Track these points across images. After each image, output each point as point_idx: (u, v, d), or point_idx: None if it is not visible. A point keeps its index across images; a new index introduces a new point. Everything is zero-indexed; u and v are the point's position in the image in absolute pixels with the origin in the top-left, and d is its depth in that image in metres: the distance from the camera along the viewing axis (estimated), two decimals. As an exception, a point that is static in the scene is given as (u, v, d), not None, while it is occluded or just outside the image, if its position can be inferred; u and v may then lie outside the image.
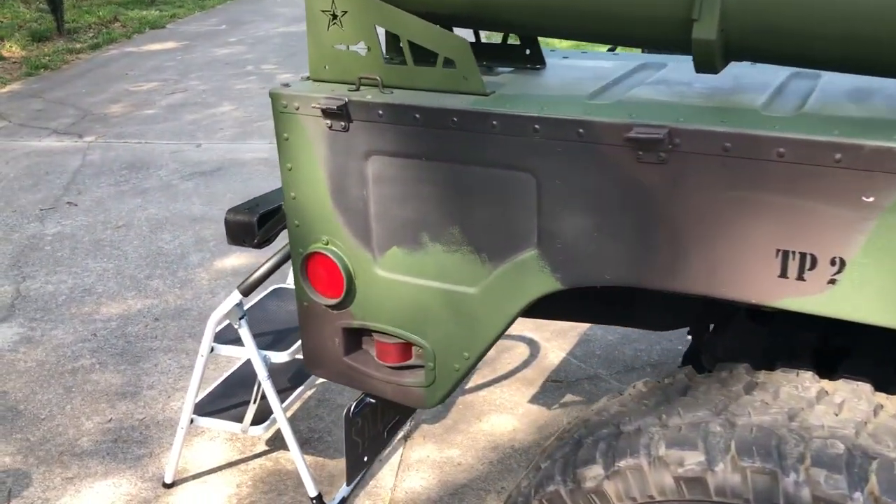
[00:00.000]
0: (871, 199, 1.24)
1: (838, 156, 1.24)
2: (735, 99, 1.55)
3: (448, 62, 1.59)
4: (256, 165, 6.28)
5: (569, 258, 1.51)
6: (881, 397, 1.55)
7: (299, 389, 3.07)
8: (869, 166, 1.23)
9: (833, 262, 1.30)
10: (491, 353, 2.90)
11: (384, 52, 1.70)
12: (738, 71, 1.78)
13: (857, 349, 1.94)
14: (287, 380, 3.09)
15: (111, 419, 3.42)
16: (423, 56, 1.64)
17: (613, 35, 1.50)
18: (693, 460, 1.45)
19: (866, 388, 1.55)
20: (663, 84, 1.69)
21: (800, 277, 1.33)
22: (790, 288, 1.35)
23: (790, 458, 1.39)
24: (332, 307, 1.80)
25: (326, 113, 1.62)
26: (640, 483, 1.49)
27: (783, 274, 1.34)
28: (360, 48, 1.66)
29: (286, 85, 1.72)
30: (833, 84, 1.62)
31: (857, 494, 1.33)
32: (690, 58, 1.90)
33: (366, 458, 2.20)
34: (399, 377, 1.80)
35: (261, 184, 5.75)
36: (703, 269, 1.40)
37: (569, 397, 3.49)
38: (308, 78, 1.77)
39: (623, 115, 1.41)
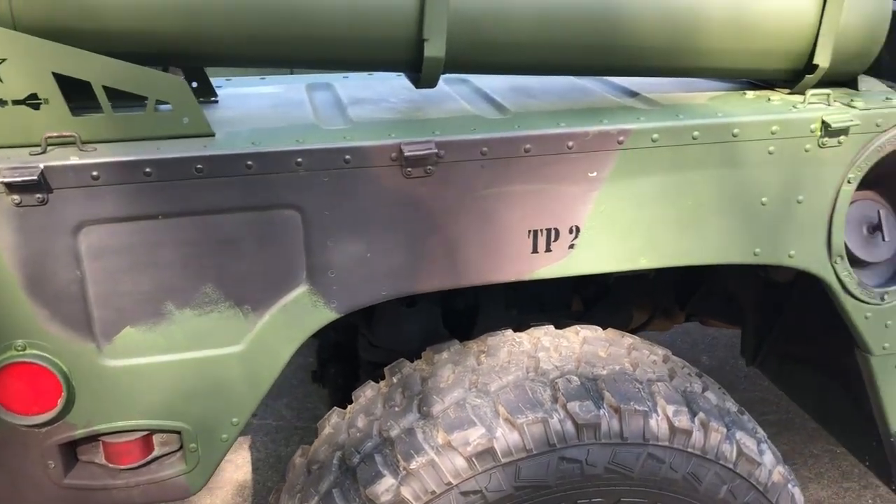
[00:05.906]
0: (595, 174, 1.52)
1: (571, 143, 1.50)
2: (443, 108, 1.69)
3: (158, 105, 1.41)
4: None
5: (343, 285, 1.50)
6: (558, 331, 1.88)
7: None
8: (592, 148, 1.51)
9: (571, 231, 1.56)
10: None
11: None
12: (393, 84, 1.95)
13: (482, 306, 2.27)
14: None
15: None
16: (115, 101, 1.43)
17: (345, 60, 1.52)
18: (476, 435, 1.59)
19: (551, 328, 1.87)
20: (366, 103, 1.74)
21: (548, 249, 1.56)
22: (541, 260, 1.57)
23: (548, 403, 1.64)
24: (41, 425, 1.46)
25: (13, 187, 1.31)
26: (434, 476, 1.58)
27: (535, 250, 1.55)
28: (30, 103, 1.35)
29: None
30: (492, 87, 1.86)
31: (602, 410, 1.63)
32: (335, 75, 2.03)
33: None
34: (149, 474, 1.55)
35: None
36: (472, 262, 1.54)
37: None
38: None
39: (384, 137, 1.45)
